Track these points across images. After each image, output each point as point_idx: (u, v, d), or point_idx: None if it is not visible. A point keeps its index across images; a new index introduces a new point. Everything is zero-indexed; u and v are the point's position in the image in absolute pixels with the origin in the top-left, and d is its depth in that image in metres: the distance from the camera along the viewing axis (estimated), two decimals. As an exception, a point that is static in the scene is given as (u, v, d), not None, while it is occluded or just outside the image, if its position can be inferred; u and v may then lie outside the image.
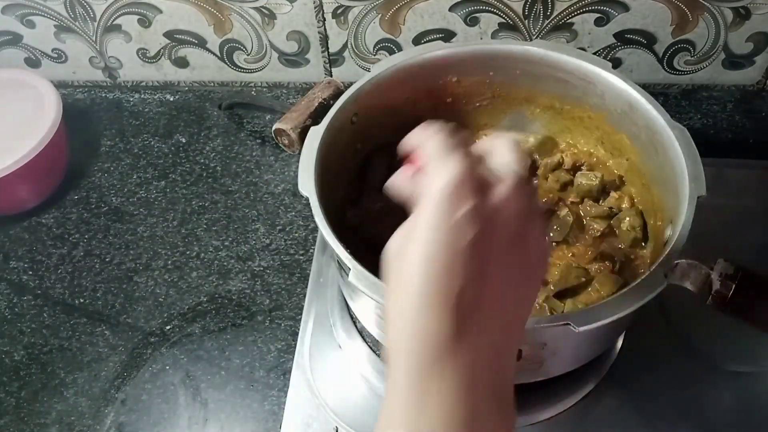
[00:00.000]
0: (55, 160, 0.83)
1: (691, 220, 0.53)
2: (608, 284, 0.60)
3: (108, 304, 0.74)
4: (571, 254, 0.64)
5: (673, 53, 0.86)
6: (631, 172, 0.67)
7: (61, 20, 0.89)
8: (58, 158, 0.84)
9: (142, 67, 0.94)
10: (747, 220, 0.75)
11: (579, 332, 0.48)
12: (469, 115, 0.73)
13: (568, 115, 0.70)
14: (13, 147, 0.76)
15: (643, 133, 0.62)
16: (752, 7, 0.80)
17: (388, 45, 0.88)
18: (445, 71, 0.69)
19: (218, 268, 0.76)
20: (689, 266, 0.52)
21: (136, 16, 0.88)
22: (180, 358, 0.69)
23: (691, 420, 0.61)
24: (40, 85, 0.83)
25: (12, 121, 0.80)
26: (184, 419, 0.65)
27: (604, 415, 0.62)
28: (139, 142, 0.90)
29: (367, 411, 0.62)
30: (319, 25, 0.86)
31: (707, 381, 0.63)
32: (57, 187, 0.84)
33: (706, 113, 0.88)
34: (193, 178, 0.85)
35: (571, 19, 0.83)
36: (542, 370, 0.56)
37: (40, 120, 0.79)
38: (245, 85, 0.95)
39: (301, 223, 0.79)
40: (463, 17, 0.84)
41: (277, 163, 0.86)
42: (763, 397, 0.63)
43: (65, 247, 0.79)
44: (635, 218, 0.65)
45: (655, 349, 0.65)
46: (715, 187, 0.55)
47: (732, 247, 0.55)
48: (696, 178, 0.55)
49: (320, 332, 0.68)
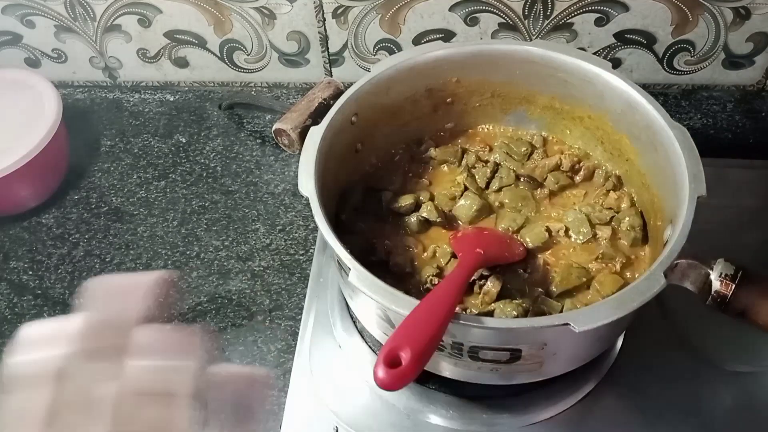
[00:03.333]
0: (56, 160, 0.83)
1: (691, 220, 0.53)
2: (608, 284, 0.60)
3: (108, 304, 0.74)
4: (572, 249, 0.64)
5: (673, 53, 0.86)
6: (631, 173, 0.67)
7: (61, 20, 0.89)
8: (58, 158, 0.83)
9: (142, 67, 0.94)
10: (747, 220, 0.75)
11: (579, 332, 0.48)
12: (469, 115, 0.73)
13: (568, 115, 0.70)
14: (13, 147, 0.76)
15: (643, 133, 0.62)
16: (752, 7, 0.80)
17: (388, 45, 0.88)
18: (445, 71, 0.69)
19: (218, 268, 0.76)
20: (689, 266, 0.52)
21: (136, 16, 0.88)
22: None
23: (691, 420, 0.61)
24: (40, 85, 0.83)
25: (12, 121, 0.80)
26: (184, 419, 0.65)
27: (604, 415, 0.62)
28: (139, 142, 0.90)
29: (367, 411, 0.63)
30: (319, 25, 0.86)
31: (707, 381, 0.63)
32: (57, 188, 0.84)
33: (706, 113, 0.88)
34: (193, 178, 0.85)
35: (571, 19, 0.83)
36: (542, 370, 0.56)
37: (40, 120, 0.79)
38: (245, 85, 0.95)
39: (301, 223, 0.79)
40: (463, 17, 0.84)
41: (277, 163, 0.86)
42: (763, 397, 0.63)
43: (65, 247, 0.79)
44: (635, 218, 0.65)
45: (655, 349, 0.65)
46: (715, 187, 0.55)
47: (732, 247, 0.55)
48: (696, 178, 0.55)
49: (320, 332, 0.68)
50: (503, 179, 0.69)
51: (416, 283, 0.61)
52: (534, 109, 0.71)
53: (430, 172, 0.71)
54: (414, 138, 0.73)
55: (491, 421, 0.61)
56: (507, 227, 0.65)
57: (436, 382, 0.62)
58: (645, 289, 0.49)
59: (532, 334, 0.51)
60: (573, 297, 0.60)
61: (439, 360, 0.56)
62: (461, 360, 0.54)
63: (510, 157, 0.71)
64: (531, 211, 0.67)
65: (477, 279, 0.60)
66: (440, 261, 0.63)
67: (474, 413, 0.62)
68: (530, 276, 0.62)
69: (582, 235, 0.64)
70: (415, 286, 0.61)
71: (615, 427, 0.61)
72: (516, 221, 0.65)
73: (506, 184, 0.68)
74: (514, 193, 0.68)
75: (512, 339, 0.52)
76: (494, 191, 0.69)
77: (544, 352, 0.53)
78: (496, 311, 0.58)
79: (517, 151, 0.71)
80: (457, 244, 0.62)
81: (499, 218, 0.66)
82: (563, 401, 0.62)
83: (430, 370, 0.58)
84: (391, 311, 0.52)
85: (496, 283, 0.59)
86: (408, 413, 0.62)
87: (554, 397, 0.62)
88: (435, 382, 0.62)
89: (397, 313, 0.49)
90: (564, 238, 0.65)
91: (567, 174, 0.69)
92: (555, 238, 0.65)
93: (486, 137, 0.74)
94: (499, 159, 0.70)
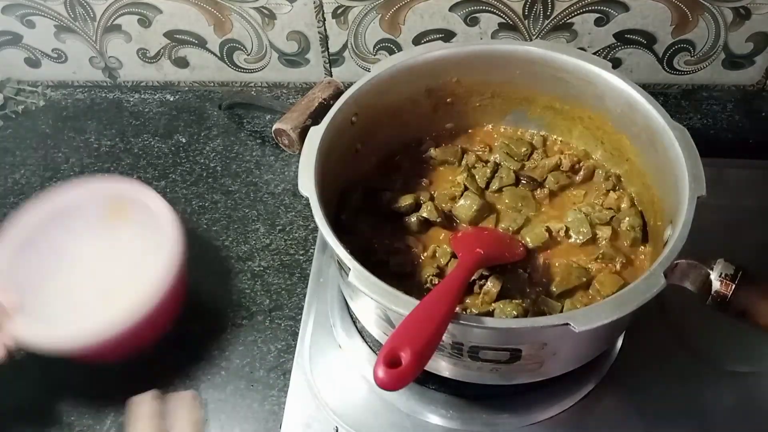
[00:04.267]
0: (178, 291, 0.66)
1: (691, 220, 0.53)
2: (608, 284, 0.60)
3: (108, 304, 0.74)
4: (572, 250, 0.64)
5: (673, 53, 0.86)
6: (631, 172, 0.67)
7: (61, 20, 0.89)
8: (180, 288, 0.66)
9: (142, 67, 0.94)
10: (747, 220, 0.75)
11: (579, 332, 0.48)
12: (469, 115, 0.73)
13: (568, 115, 0.70)
14: (138, 286, 0.62)
15: (643, 133, 0.62)
16: (752, 7, 0.80)
17: (388, 45, 0.88)
18: (445, 71, 0.69)
19: (218, 268, 0.76)
20: (689, 266, 0.52)
21: (136, 16, 0.88)
22: (180, 358, 0.69)
23: (691, 420, 0.61)
24: (153, 203, 0.69)
25: (127, 253, 0.69)
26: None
27: (604, 415, 0.62)
28: (139, 142, 0.90)
29: (367, 411, 0.63)
30: (319, 25, 0.86)
31: (707, 381, 0.63)
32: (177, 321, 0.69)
33: (706, 113, 0.88)
34: (193, 178, 0.85)
35: (571, 19, 0.83)
36: (542, 370, 0.56)
37: (160, 250, 0.64)
38: (245, 85, 0.95)
39: (301, 223, 0.79)
40: (463, 17, 0.84)
41: (277, 163, 0.86)
42: (763, 397, 0.63)
43: (65, 247, 0.79)
44: (635, 218, 0.65)
45: (655, 349, 0.65)
46: (715, 187, 0.55)
47: (732, 247, 0.55)
48: (696, 178, 0.55)
49: (320, 332, 0.68)
50: (503, 179, 0.69)
51: (416, 283, 0.61)
52: (534, 109, 0.71)
53: (430, 172, 0.71)
54: (414, 138, 0.73)
55: (491, 421, 0.61)
56: (507, 227, 0.65)
57: (436, 382, 0.62)
58: (645, 289, 0.49)
59: (532, 334, 0.51)
60: (573, 297, 0.60)
61: (439, 360, 0.56)
62: (461, 360, 0.54)
63: (510, 157, 0.71)
64: (531, 211, 0.67)
65: (477, 279, 0.60)
66: (440, 261, 0.63)
67: (474, 413, 0.62)
68: (530, 276, 0.62)
69: (582, 235, 0.64)
70: (415, 286, 0.61)
71: (615, 427, 0.61)
72: (516, 221, 0.65)
73: (506, 184, 0.69)
74: (514, 193, 0.68)
75: (512, 339, 0.52)
76: (494, 191, 0.69)
77: (544, 352, 0.53)
78: (496, 311, 0.58)
79: (517, 151, 0.71)
80: (457, 244, 0.62)
81: (499, 218, 0.66)
82: (563, 401, 0.62)
83: (430, 370, 0.58)
84: (391, 311, 0.52)
85: (496, 283, 0.59)
86: (408, 413, 0.62)
87: (554, 397, 0.62)
88: (435, 382, 0.62)
89: (397, 313, 0.49)
90: (564, 238, 0.65)
91: (567, 174, 0.69)
92: (555, 238, 0.65)
93: (486, 137, 0.74)
94: (499, 159, 0.71)
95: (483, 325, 0.49)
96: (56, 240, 0.70)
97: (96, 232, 0.71)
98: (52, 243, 0.69)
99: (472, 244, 0.59)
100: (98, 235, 0.71)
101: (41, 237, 0.69)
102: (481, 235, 0.64)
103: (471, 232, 0.65)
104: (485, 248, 0.59)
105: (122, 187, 0.72)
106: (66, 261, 0.70)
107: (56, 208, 0.70)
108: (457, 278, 0.52)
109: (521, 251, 0.63)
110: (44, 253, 0.69)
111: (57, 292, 0.67)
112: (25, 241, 0.68)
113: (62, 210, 0.70)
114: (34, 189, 0.86)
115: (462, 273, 0.53)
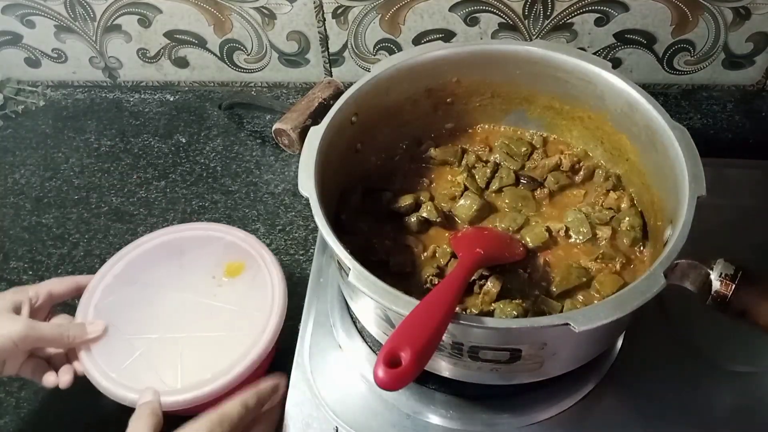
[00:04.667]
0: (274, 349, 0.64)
1: (691, 220, 0.53)
2: (608, 284, 0.60)
3: (108, 304, 0.74)
4: (572, 250, 0.64)
5: (673, 53, 0.86)
6: (631, 172, 0.67)
7: (61, 20, 0.89)
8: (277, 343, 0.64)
9: (142, 67, 0.94)
10: (747, 220, 0.75)
11: (579, 332, 0.48)
12: (469, 115, 0.73)
13: (568, 115, 0.70)
14: (246, 342, 0.61)
15: (643, 133, 0.62)
16: (752, 7, 0.81)
17: (388, 45, 0.88)
18: (445, 71, 0.69)
19: (218, 268, 0.76)
20: (689, 266, 0.52)
21: (136, 16, 0.88)
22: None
23: (691, 420, 0.61)
24: (262, 259, 0.66)
25: (238, 304, 0.66)
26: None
27: (604, 415, 0.62)
28: (139, 142, 0.90)
29: (367, 411, 0.62)
30: (319, 25, 0.86)
31: (707, 381, 0.63)
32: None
33: (706, 113, 0.88)
34: (193, 178, 0.85)
35: (571, 19, 0.83)
36: (542, 370, 0.56)
37: (267, 308, 0.63)
38: (245, 85, 0.95)
39: (301, 223, 0.79)
40: (463, 17, 0.84)
41: (277, 163, 0.86)
42: (763, 397, 0.63)
43: (65, 247, 0.79)
44: (635, 218, 0.65)
45: (655, 349, 0.65)
46: (715, 187, 0.55)
47: (732, 247, 0.55)
48: (696, 178, 0.55)
49: (320, 332, 0.68)
50: (503, 179, 0.69)
51: (416, 283, 0.61)
52: (534, 109, 0.71)
53: (430, 172, 0.71)
54: (414, 138, 0.73)
55: (491, 421, 0.61)
56: (507, 227, 0.65)
57: (436, 382, 0.62)
58: (645, 289, 0.49)
59: (532, 334, 0.51)
60: (573, 297, 0.60)
61: (439, 360, 0.56)
62: (461, 360, 0.54)
63: (510, 157, 0.71)
64: (531, 211, 0.67)
65: (477, 279, 0.60)
66: (440, 261, 0.63)
67: (474, 413, 0.62)
68: (530, 276, 0.62)
69: (582, 235, 0.64)
70: (415, 286, 0.61)
71: (615, 427, 0.61)
72: (516, 221, 0.65)
73: (506, 184, 0.69)
74: (514, 193, 0.68)
75: (512, 339, 0.52)
76: (494, 191, 0.69)
77: (544, 352, 0.53)
78: (496, 311, 0.58)
79: (517, 151, 0.71)
80: (457, 244, 0.62)
81: (499, 218, 0.66)
82: (563, 401, 0.62)
83: (430, 370, 0.58)
84: (391, 311, 0.52)
85: (496, 283, 0.59)
86: (408, 413, 0.62)
87: (554, 397, 0.62)
88: (435, 382, 0.62)
89: (397, 313, 0.49)
90: (564, 238, 0.65)
91: (567, 174, 0.69)
92: (555, 238, 0.65)
93: (486, 137, 0.74)
94: (499, 159, 0.71)
95: (483, 325, 0.49)
96: (161, 281, 0.67)
97: (204, 287, 0.68)
98: (155, 284, 0.66)
99: (472, 244, 0.59)
100: (206, 289, 0.67)
101: (145, 277, 0.66)
102: (481, 234, 0.64)
103: (471, 232, 0.65)
104: (485, 248, 0.58)
105: (239, 238, 0.68)
106: (165, 308, 0.66)
107: (170, 249, 0.67)
108: (457, 278, 0.52)
109: (521, 251, 0.63)
110: (146, 293, 0.66)
111: (148, 342, 0.63)
112: (127, 278, 0.65)
113: (176, 252, 0.67)
114: (34, 189, 0.86)
115: (462, 273, 0.53)
